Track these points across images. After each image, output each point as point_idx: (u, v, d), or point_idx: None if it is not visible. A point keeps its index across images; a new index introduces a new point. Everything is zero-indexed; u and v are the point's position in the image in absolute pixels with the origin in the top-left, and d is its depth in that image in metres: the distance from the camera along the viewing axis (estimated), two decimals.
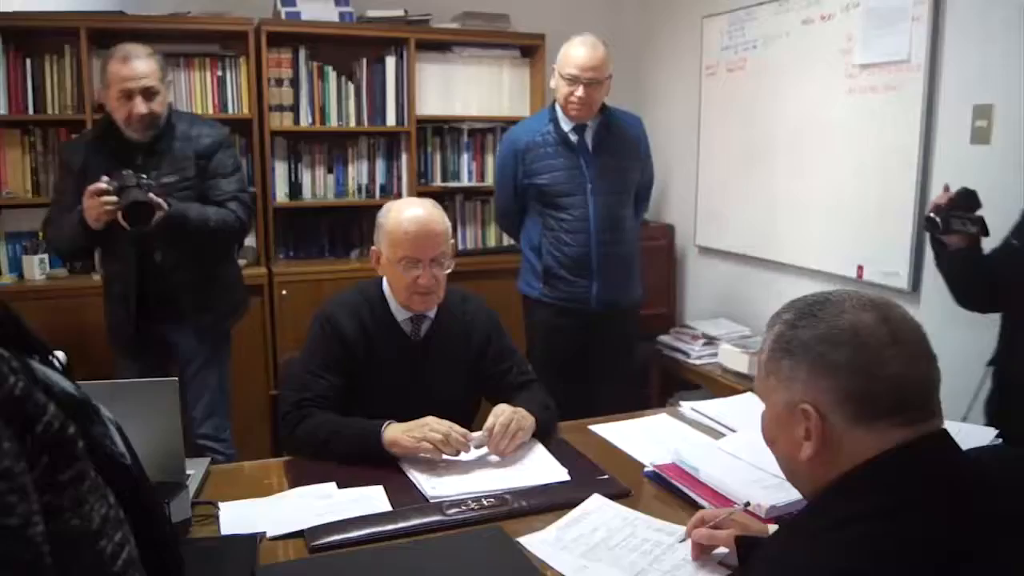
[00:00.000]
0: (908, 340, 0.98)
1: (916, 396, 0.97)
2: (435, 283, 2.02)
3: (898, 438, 0.96)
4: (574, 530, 1.55)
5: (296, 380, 2.06)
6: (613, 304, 3.05)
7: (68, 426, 0.69)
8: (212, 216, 2.62)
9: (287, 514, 1.62)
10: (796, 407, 1.01)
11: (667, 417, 2.23)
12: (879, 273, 3.04)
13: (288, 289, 3.61)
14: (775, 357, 1.06)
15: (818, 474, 1.01)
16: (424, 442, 1.82)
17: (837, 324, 1.00)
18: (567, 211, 2.98)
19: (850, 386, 0.97)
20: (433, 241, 2.01)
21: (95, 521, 0.69)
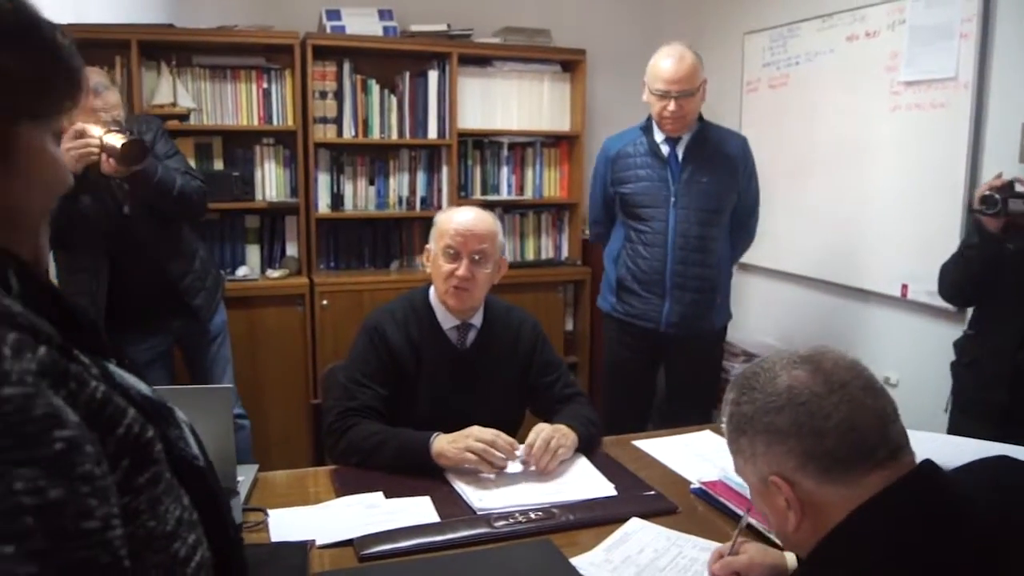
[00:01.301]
0: (846, 382, 0.99)
1: (873, 434, 0.97)
2: (471, 280, 2.04)
3: (874, 486, 0.96)
4: (621, 551, 1.55)
5: (342, 390, 2.08)
6: (686, 328, 2.89)
7: (147, 429, 0.70)
8: (177, 178, 2.68)
9: (335, 522, 1.64)
10: (767, 481, 1.02)
11: (711, 434, 2.22)
12: (923, 292, 3.00)
13: (329, 299, 3.64)
14: (733, 438, 1.08)
15: (811, 540, 1.01)
16: (468, 453, 1.83)
17: (773, 390, 1.01)
18: (647, 223, 2.87)
19: (803, 447, 0.98)
20: (476, 236, 2.05)
21: (170, 523, 0.70)
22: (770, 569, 1.37)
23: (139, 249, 2.71)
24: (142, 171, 2.53)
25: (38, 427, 0.58)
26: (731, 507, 1.70)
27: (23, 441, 0.57)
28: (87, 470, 0.60)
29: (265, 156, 3.77)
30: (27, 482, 0.56)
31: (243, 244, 3.79)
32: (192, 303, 2.83)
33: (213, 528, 0.79)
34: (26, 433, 0.57)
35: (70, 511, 0.57)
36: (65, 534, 0.57)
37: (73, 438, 0.59)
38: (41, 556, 0.55)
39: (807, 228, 3.59)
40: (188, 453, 0.79)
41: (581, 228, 4.17)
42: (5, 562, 0.54)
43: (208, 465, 0.84)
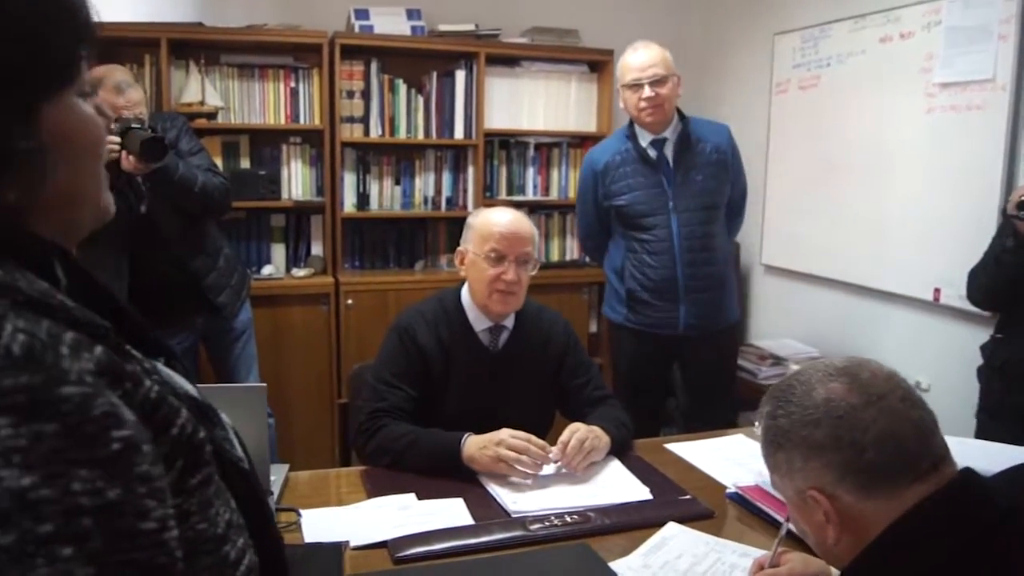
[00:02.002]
0: (884, 394, 0.97)
1: (913, 446, 0.95)
2: (518, 284, 2.02)
3: (915, 498, 0.94)
4: (659, 556, 1.53)
5: (371, 390, 2.07)
6: (704, 327, 2.87)
7: (199, 430, 0.69)
8: (199, 176, 2.68)
9: (368, 524, 1.63)
10: (805, 496, 1.00)
11: (743, 438, 2.19)
12: (956, 297, 2.95)
13: (354, 298, 3.64)
14: (770, 453, 1.06)
15: (852, 554, 0.99)
16: (501, 463, 1.81)
17: (810, 403, 1.00)
18: (649, 232, 2.83)
19: (842, 460, 0.96)
20: (521, 240, 2.03)
21: (220, 525, 0.69)
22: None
23: (162, 246, 2.71)
24: (162, 168, 2.54)
25: (97, 427, 0.57)
26: (769, 512, 1.67)
27: (82, 441, 0.56)
28: (144, 470, 0.59)
29: (292, 155, 3.77)
30: (85, 483, 0.55)
31: (268, 243, 3.80)
32: (216, 300, 2.83)
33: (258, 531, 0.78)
34: (85, 433, 0.56)
35: (128, 512, 0.56)
36: (123, 535, 0.56)
37: (130, 438, 0.58)
38: (99, 557, 0.54)
39: (836, 231, 3.55)
40: (234, 455, 0.78)
41: None
42: (64, 563, 0.53)
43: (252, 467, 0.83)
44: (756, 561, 1.42)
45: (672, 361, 3.01)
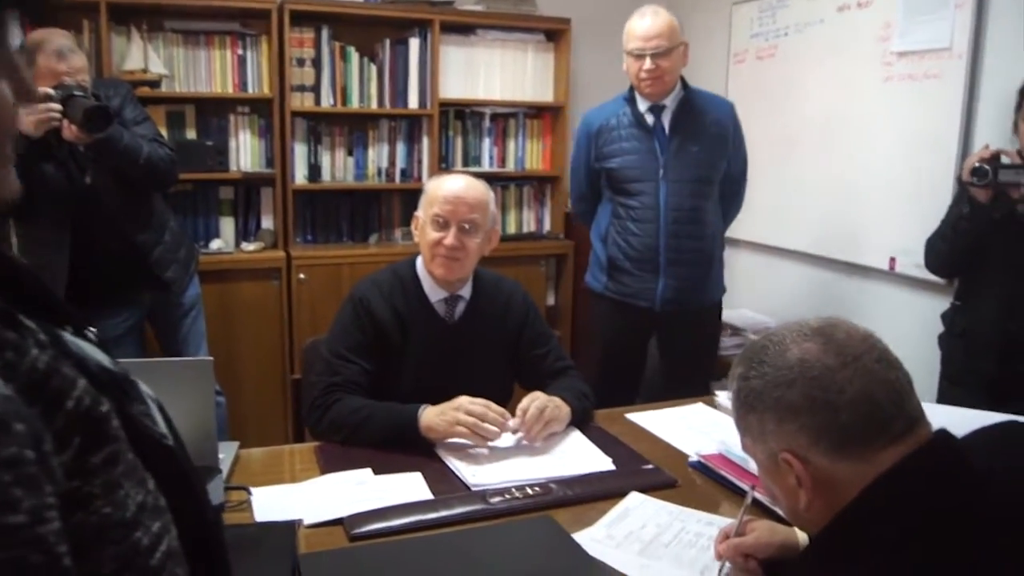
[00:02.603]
0: (859, 354, 0.94)
1: (889, 407, 0.92)
2: (460, 249, 1.96)
3: (889, 461, 0.91)
4: (623, 527, 1.50)
5: (325, 364, 2.00)
6: (682, 304, 2.81)
7: (100, 402, 0.61)
8: (145, 146, 2.57)
9: (322, 500, 1.57)
10: (777, 459, 0.97)
11: (703, 407, 2.18)
12: (912, 266, 2.97)
13: (306, 273, 3.55)
14: (741, 415, 1.03)
15: (825, 518, 0.97)
16: (458, 426, 1.77)
17: (783, 364, 0.97)
18: (636, 198, 2.76)
19: (816, 422, 0.93)
20: (467, 205, 1.97)
21: (130, 509, 0.62)
22: (780, 548, 1.32)
23: (106, 220, 2.60)
24: (106, 138, 2.42)
25: None
26: (732, 480, 1.65)
27: None
28: (11, 454, 0.50)
29: (240, 125, 3.64)
30: None
31: (217, 216, 3.68)
32: (163, 275, 2.73)
33: (187, 512, 0.71)
34: None
35: None
36: None
37: None
38: None
39: (795, 202, 3.55)
40: (155, 431, 0.70)
41: (564, 201, 4.10)
42: None
43: (178, 444, 0.75)
44: (722, 530, 1.39)
45: (649, 337, 2.96)
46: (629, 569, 1.35)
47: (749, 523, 1.36)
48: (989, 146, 2.29)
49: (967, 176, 2.27)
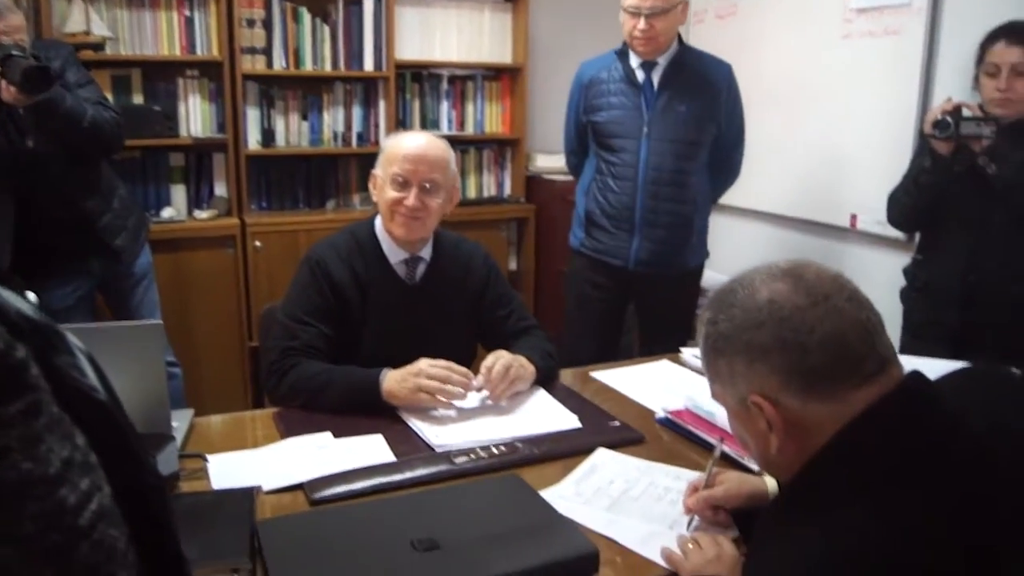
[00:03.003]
0: (830, 294, 0.92)
1: (860, 347, 0.90)
2: (422, 209, 1.91)
3: (862, 402, 0.89)
4: (591, 483, 1.48)
5: (282, 328, 1.94)
6: (657, 266, 2.76)
7: (15, 349, 0.56)
8: (88, 109, 2.46)
9: (281, 466, 1.53)
10: (748, 402, 0.95)
11: (669, 364, 2.16)
12: (873, 222, 2.98)
13: (262, 240, 3.47)
14: (710, 360, 1.00)
15: (795, 463, 0.95)
16: (421, 393, 1.73)
17: (753, 305, 0.94)
18: (617, 154, 2.71)
19: (786, 363, 0.91)
20: (427, 164, 1.91)
21: (53, 464, 0.57)
22: (748, 498, 1.31)
23: (51, 186, 2.50)
24: (47, 100, 2.31)
25: None
26: (699, 435, 1.64)
27: None
28: None
29: (189, 89, 3.52)
30: None
31: (168, 184, 3.56)
32: (113, 243, 2.64)
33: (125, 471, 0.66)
34: None
35: None
36: None
37: None
38: None
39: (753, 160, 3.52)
40: (84, 384, 0.65)
41: (524, 164, 4.05)
42: None
43: (113, 400, 0.70)
44: (690, 484, 1.37)
45: (626, 299, 2.93)
46: (598, 525, 1.33)
47: (718, 475, 1.35)
48: (951, 99, 2.28)
49: (929, 129, 2.27)
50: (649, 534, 1.31)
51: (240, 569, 1.19)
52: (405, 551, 1.16)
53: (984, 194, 2.28)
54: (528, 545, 1.18)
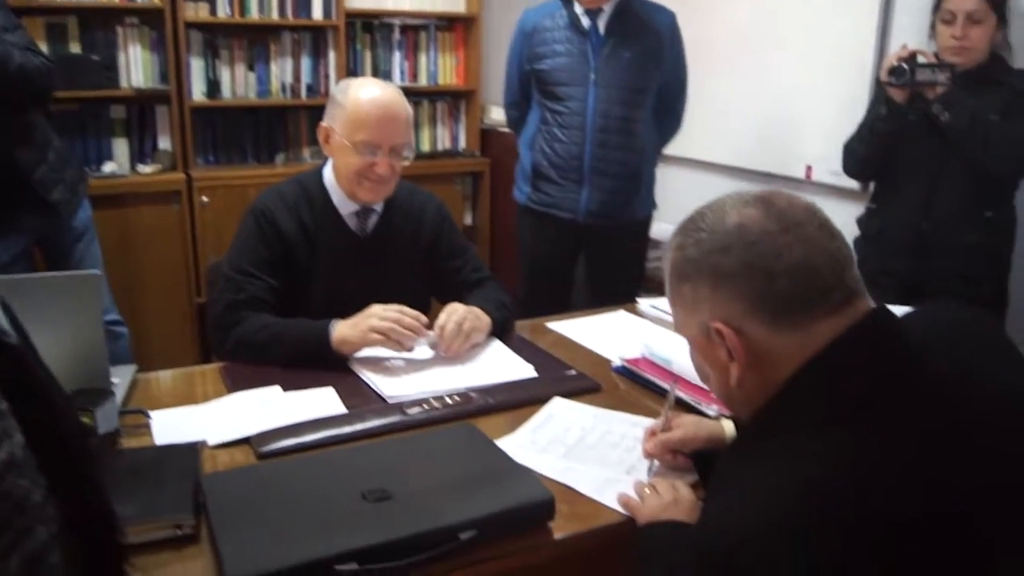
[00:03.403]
0: (801, 222, 0.89)
1: (828, 277, 0.87)
2: (391, 173, 1.85)
3: (827, 333, 0.87)
4: (546, 432, 1.45)
5: (227, 281, 1.87)
6: (607, 217, 2.73)
7: None
8: (15, 54, 2.34)
9: (228, 421, 1.48)
10: (709, 330, 0.92)
11: (625, 314, 2.14)
12: (828, 173, 2.97)
13: (209, 195, 3.38)
14: (675, 287, 0.97)
15: (756, 396, 0.92)
16: (373, 334, 1.68)
17: (721, 228, 0.91)
18: (564, 103, 2.66)
19: (752, 289, 0.88)
20: (396, 128, 1.84)
21: None
22: (706, 441, 1.30)
23: None
24: None
25: None
26: (656, 382, 1.62)
27: None
28: None
29: (128, 38, 3.39)
30: None
31: (109, 137, 3.44)
32: (49, 197, 2.53)
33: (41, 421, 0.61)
34: None
35: None
36: None
37: None
38: None
39: (709, 113, 3.50)
40: None
41: (479, 117, 3.98)
42: None
43: (26, 344, 0.65)
44: (648, 429, 1.36)
45: (576, 253, 2.90)
46: (554, 473, 1.31)
47: (674, 420, 1.33)
48: (907, 46, 2.27)
49: (885, 76, 2.26)
50: (606, 481, 1.29)
51: (183, 525, 1.15)
52: (356, 502, 1.13)
53: (937, 142, 2.28)
54: (482, 493, 1.15)
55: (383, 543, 1.05)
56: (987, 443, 0.86)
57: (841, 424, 0.84)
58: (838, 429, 0.83)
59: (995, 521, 0.82)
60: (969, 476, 0.83)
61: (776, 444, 0.86)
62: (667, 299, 1.01)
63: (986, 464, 0.85)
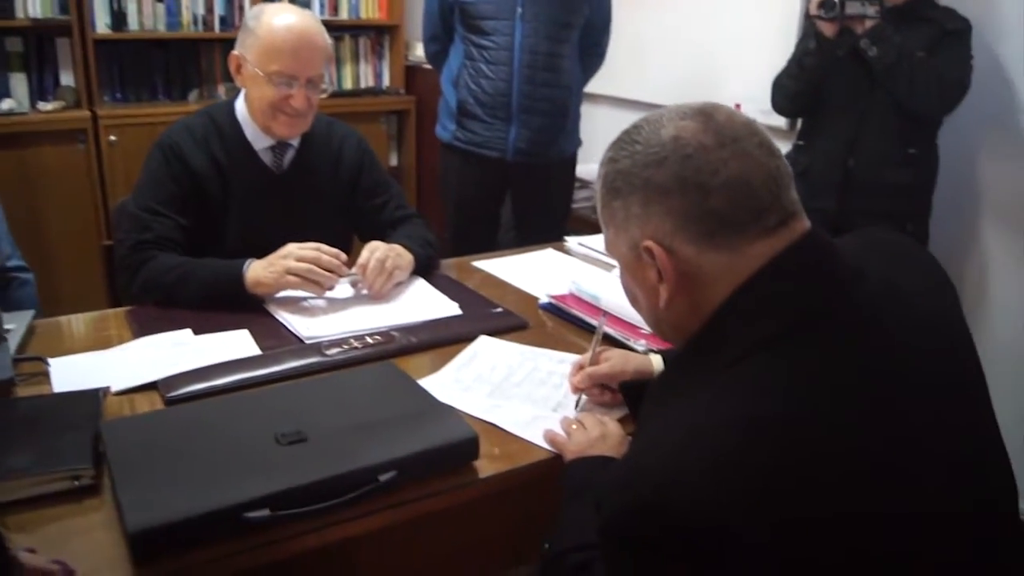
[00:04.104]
0: (740, 137, 0.84)
1: (764, 196, 0.83)
2: (308, 107, 1.75)
3: (762, 255, 0.83)
4: (471, 370, 1.41)
5: (133, 220, 1.76)
6: (535, 155, 2.68)
7: None
8: None
9: (134, 366, 1.39)
10: (639, 249, 0.87)
11: (553, 252, 2.10)
12: (757, 111, 2.95)
13: (117, 135, 3.20)
14: (606, 203, 0.92)
15: (687, 322, 0.89)
16: (290, 276, 1.60)
17: (656, 141, 0.86)
18: (490, 37, 2.58)
19: (684, 205, 0.84)
20: (313, 57, 1.73)
21: None
22: (634, 375, 1.27)
23: None
24: None
25: None
26: (583, 319, 1.59)
27: None
28: None
29: None
30: None
31: (5, 72, 3.20)
32: None
33: None
34: None
35: None
36: None
37: None
38: None
39: (636, 51, 3.45)
40: None
41: (403, 53, 3.84)
42: None
43: None
44: (575, 363, 1.32)
45: (503, 192, 2.84)
46: (479, 411, 1.27)
47: (602, 353, 1.30)
48: None
49: (814, 9, 2.24)
50: (532, 418, 1.26)
51: (81, 476, 1.07)
52: (268, 445, 1.07)
53: (865, 79, 2.28)
54: (402, 433, 1.11)
55: (296, 487, 1.00)
56: (919, 365, 0.84)
57: (775, 351, 0.80)
58: (772, 356, 0.80)
59: (923, 447, 0.80)
60: (903, 401, 0.81)
61: (707, 373, 0.83)
62: (599, 216, 0.95)
63: (917, 388, 0.83)
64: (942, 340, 0.90)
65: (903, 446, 0.78)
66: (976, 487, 0.84)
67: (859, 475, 0.75)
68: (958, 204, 2.50)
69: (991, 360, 0.93)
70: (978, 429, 0.88)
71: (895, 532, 0.75)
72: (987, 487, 0.86)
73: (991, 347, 2.11)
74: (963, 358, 0.91)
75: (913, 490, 0.77)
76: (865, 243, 1.01)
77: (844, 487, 0.74)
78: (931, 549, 0.78)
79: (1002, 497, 0.89)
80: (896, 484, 0.77)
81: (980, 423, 0.89)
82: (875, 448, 0.77)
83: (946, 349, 0.90)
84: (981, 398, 0.91)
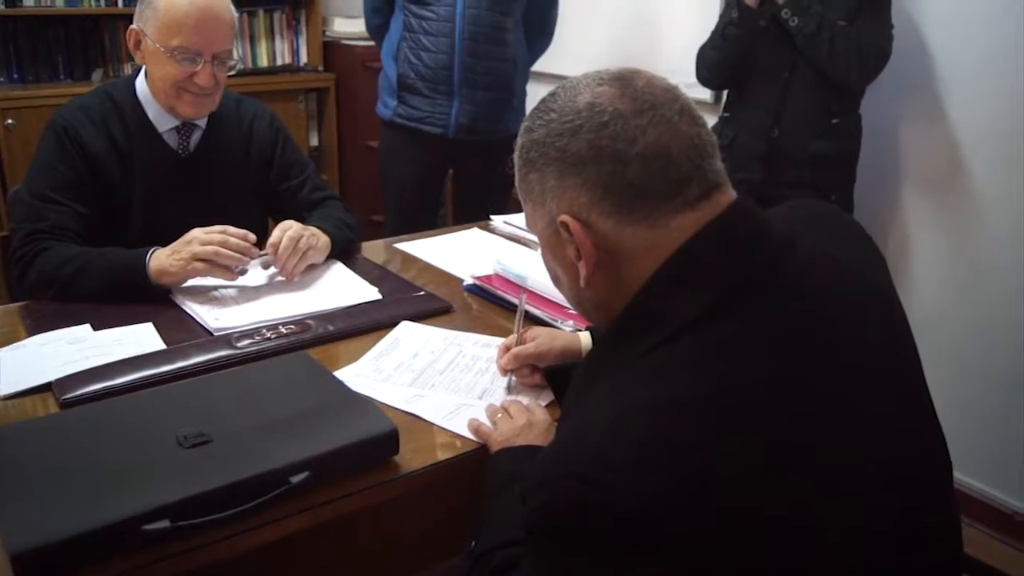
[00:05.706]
0: (659, 103, 0.80)
1: (686, 166, 0.79)
2: (214, 85, 1.65)
3: (685, 229, 0.79)
4: (392, 358, 1.34)
5: (27, 209, 1.64)
6: (479, 132, 2.59)
7: None
8: None
9: (25, 367, 1.29)
10: (556, 224, 0.82)
11: (478, 231, 2.05)
12: (683, 85, 2.91)
13: (14, 117, 3.03)
14: (522, 176, 0.87)
15: (610, 301, 0.84)
16: (196, 263, 1.51)
17: (571, 109, 0.81)
18: (430, 8, 2.48)
19: (601, 176, 0.79)
20: (218, 32, 1.62)
21: None
22: (562, 353, 1.23)
23: None
24: None
25: None
26: (509, 299, 1.54)
27: None
28: None
29: None
30: None
31: None
32: None
33: None
34: None
35: None
36: None
37: None
38: None
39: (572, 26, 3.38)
40: None
41: (321, 29, 3.71)
42: None
43: None
44: (502, 345, 1.27)
45: (444, 171, 2.76)
46: (398, 402, 1.21)
47: (527, 332, 1.25)
48: None
49: None
50: (457, 407, 1.20)
51: None
52: (170, 449, 0.99)
53: (787, 49, 2.27)
54: (316, 430, 1.04)
55: (200, 494, 0.92)
56: (854, 336, 0.81)
57: (702, 329, 0.76)
58: (699, 334, 0.76)
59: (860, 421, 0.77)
60: (839, 375, 0.78)
61: (632, 356, 0.78)
62: (517, 191, 0.90)
63: (853, 359, 0.80)
64: (877, 310, 0.87)
65: (838, 421, 0.75)
66: (912, 460, 0.82)
67: (793, 451, 0.72)
68: (881, 173, 2.52)
69: (914, 325, 0.91)
70: (914, 401, 0.86)
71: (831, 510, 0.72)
72: (924, 459, 0.84)
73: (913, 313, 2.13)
74: (898, 327, 0.89)
75: (850, 467, 0.74)
76: (794, 214, 0.98)
77: (777, 467, 0.70)
78: (868, 527, 0.75)
79: (937, 469, 0.87)
80: (832, 462, 0.74)
81: (916, 394, 0.87)
82: (809, 425, 0.74)
83: (881, 319, 0.87)
84: (916, 368, 0.89)
